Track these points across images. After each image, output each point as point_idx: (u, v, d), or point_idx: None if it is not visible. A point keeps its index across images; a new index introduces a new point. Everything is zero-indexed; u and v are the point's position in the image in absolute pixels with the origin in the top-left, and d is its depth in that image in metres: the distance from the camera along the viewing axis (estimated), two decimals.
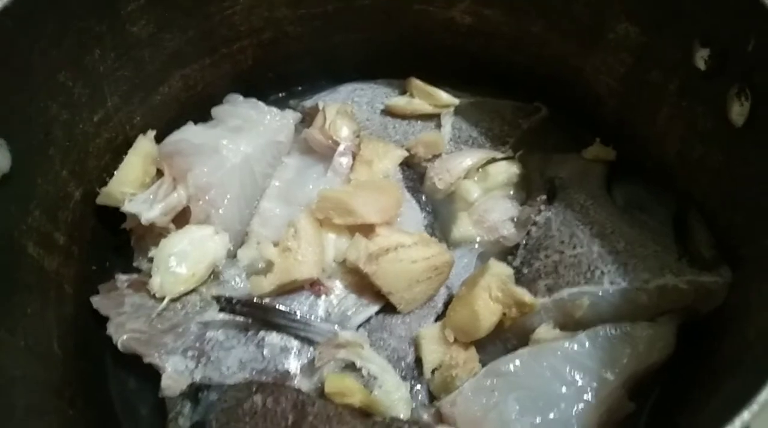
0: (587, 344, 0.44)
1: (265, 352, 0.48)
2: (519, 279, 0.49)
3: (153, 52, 0.54)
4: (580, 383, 0.42)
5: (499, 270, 0.47)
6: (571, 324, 0.46)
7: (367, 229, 0.51)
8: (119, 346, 0.49)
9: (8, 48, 0.42)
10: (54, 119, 0.48)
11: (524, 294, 0.46)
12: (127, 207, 0.52)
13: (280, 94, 0.65)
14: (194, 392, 0.45)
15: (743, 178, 0.43)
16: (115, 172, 0.53)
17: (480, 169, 0.58)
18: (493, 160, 0.58)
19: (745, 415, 0.28)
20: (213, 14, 0.55)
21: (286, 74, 0.63)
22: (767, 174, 0.40)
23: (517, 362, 0.44)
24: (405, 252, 0.49)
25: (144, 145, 0.55)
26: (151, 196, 0.53)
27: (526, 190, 0.57)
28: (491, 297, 0.46)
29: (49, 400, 0.41)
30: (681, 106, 0.49)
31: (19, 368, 0.40)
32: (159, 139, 0.56)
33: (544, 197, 0.54)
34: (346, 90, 0.63)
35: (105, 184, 0.53)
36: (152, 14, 0.51)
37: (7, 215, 0.42)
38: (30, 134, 0.45)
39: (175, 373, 0.47)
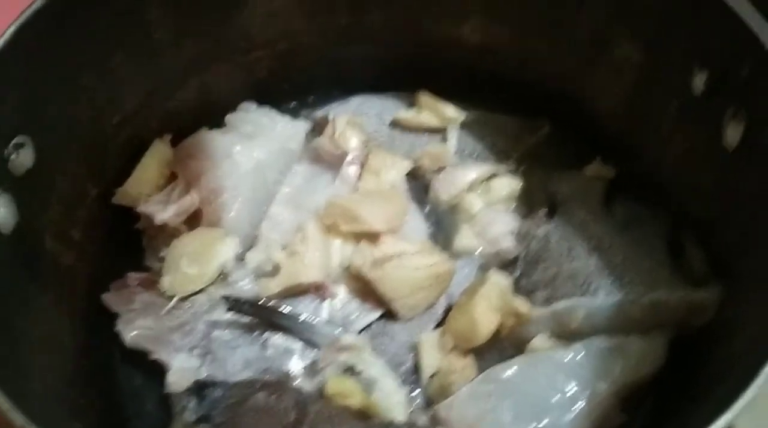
0: (581, 354, 0.45)
1: (269, 353, 0.50)
2: (517, 290, 0.51)
3: (172, 58, 0.56)
4: (573, 391, 0.44)
5: (499, 281, 0.49)
6: (566, 335, 0.47)
7: (372, 237, 0.53)
8: (127, 342, 0.50)
9: (38, 49, 0.44)
10: (76, 119, 0.50)
11: (522, 304, 0.47)
12: (143, 207, 0.54)
13: (293, 104, 0.66)
14: (199, 388, 0.46)
15: (735, 197, 0.44)
16: (131, 173, 0.56)
17: (483, 183, 0.59)
18: (496, 175, 0.59)
19: (729, 415, 0.30)
20: (231, 24, 0.57)
21: (299, 84, 0.65)
22: (758, 194, 0.41)
23: (513, 369, 0.45)
24: (408, 259, 0.51)
25: (160, 148, 0.57)
26: (165, 198, 0.55)
27: (527, 204, 0.58)
28: (490, 306, 0.48)
29: (62, 389, 0.43)
30: (679, 126, 0.50)
31: (35, 356, 0.41)
32: (174, 143, 0.58)
33: (544, 211, 0.55)
34: (356, 101, 0.65)
35: (120, 184, 0.55)
36: (172, 21, 0.53)
37: (29, 208, 0.44)
38: (53, 133, 0.47)
39: (181, 370, 0.49)
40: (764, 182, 0.40)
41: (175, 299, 0.52)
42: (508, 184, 0.59)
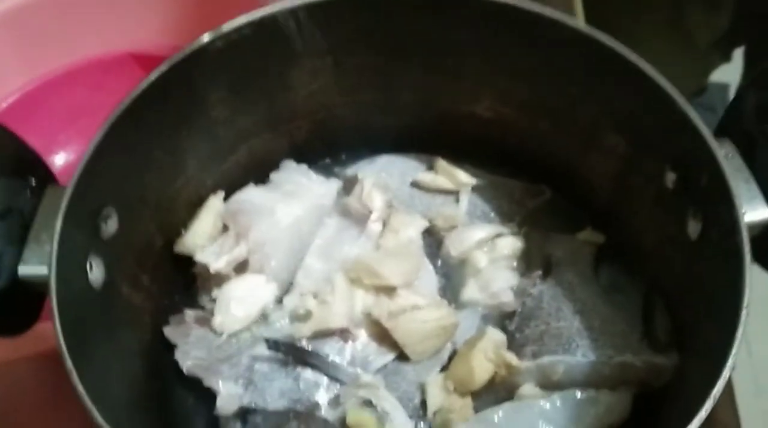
0: (558, 403, 0.54)
1: (300, 385, 0.60)
2: (512, 342, 0.60)
3: (227, 130, 0.66)
4: None
5: (494, 337, 0.58)
6: (549, 385, 0.56)
7: (389, 290, 0.62)
8: (184, 370, 0.60)
9: (123, 139, 0.53)
10: (148, 187, 0.60)
11: (512, 359, 0.56)
12: (199, 257, 0.64)
13: (327, 160, 0.76)
14: (243, 414, 0.56)
15: (692, 282, 0.52)
16: (189, 225, 0.66)
17: (489, 242, 0.68)
18: (501, 235, 0.68)
19: None
20: (278, 101, 0.67)
21: (332, 145, 0.75)
22: (706, 284, 0.50)
23: (501, 413, 0.54)
24: (419, 313, 0.60)
25: (214, 203, 0.67)
26: (218, 249, 0.65)
27: (526, 263, 0.67)
28: (486, 358, 0.57)
29: (134, 413, 0.53)
30: (655, 212, 0.59)
31: (116, 386, 0.52)
32: (225, 197, 0.68)
33: (539, 273, 0.64)
34: (382, 161, 0.74)
35: (181, 234, 0.65)
36: (230, 102, 0.63)
37: (112, 265, 0.54)
38: (130, 201, 0.57)
39: (228, 396, 0.59)
40: (710, 275, 0.49)
41: (224, 335, 0.61)
42: (511, 244, 0.68)
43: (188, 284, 0.68)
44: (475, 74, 0.66)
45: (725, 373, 0.40)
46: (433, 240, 0.70)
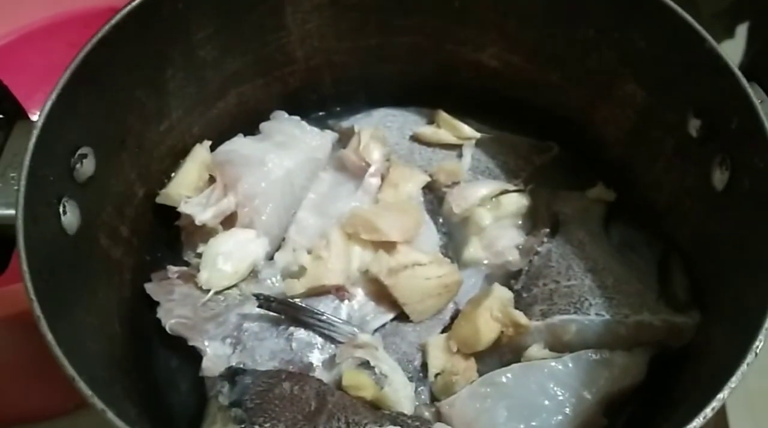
0: (570, 365, 0.51)
1: (293, 345, 0.56)
2: (518, 302, 0.56)
3: (215, 72, 0.61)
4: (561, 398, 0.49)
5: (501, 294, 0.55)
6: (559, 347, 0.53)
7: (389, 246, 0.58)
8: (167, 329, 0.56)
9: (99, 72, 0.49)
10: (129, 129, 0.55)
11: (520, 317, 0.53)
12: (184, 208, 0.59)
13: (321, 113, 0.71)
14: (231, 375, 0.52)
15: (717, 236, 0.49)
16: (173, 175, 0.61)
17: (493, 199, 0.64)
18: (506, 192, 0.64)
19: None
20: (270, 42, 0.62)
21: (327, 96, 0.70)
22: (737, 236, 0.46)
23: (509, 375, 0.51)
24: (421, 270, 0.56)
25: (200, 153, 0.62)
26: (205, 200, 0.60)
27: (533, 220, 0.63)
28: (492, 316, 0.53)
29: (114, 372, 0.49)
30: (674, 163, 0.55)
31: (93, 343, 0.47)
32: (213, 148, 0.63)
33: (547, 230, 0.60)
34: (379, 114, 0.70)
35: (164, 185, 0.61)
36: (218, 41, 0.58)
37: (88, 211, 0.49)
38: (109, 142, 0.53)
39: (215, 357, 0.55)
40: (741, 227, 0.45)
41: (210, 292, 0.57)
42: (516, 201, 0.64)
43: (172, 240, 0.63)
44: (483, 16, 0.62)
45: (767, 323, 0.37)
46: (434, 196, 0.66)
